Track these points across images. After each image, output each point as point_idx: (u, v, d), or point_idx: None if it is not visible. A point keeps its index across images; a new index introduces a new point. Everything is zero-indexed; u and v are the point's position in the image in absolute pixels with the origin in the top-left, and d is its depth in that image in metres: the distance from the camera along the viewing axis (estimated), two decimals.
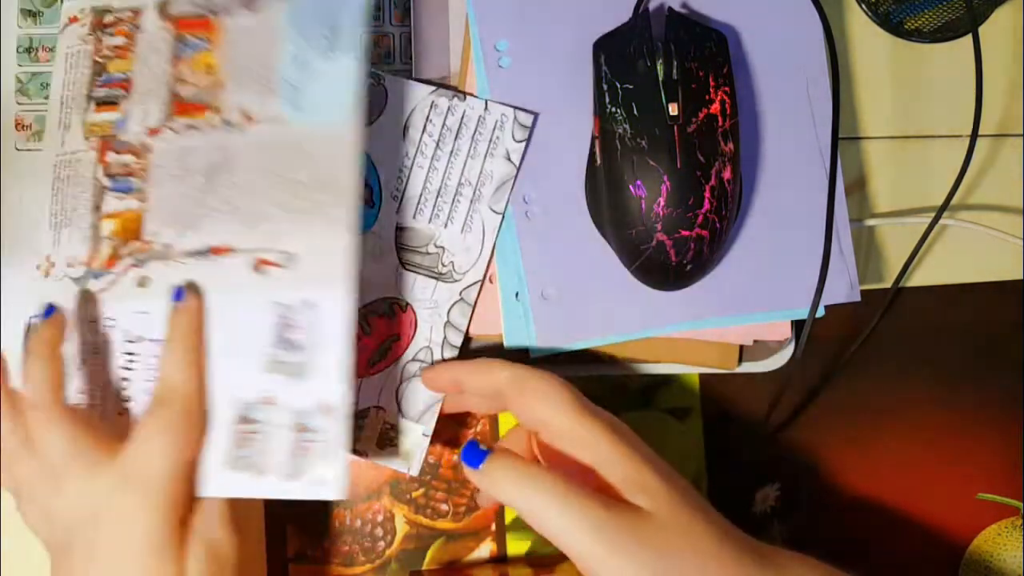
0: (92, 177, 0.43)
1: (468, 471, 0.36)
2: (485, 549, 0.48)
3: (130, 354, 0.41)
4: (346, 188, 0.41)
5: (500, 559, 0.48)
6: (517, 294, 0.45)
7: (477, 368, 0.41)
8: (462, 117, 0.44)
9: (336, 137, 0.41)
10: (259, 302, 0.40)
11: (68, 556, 0.38)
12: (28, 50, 0.45)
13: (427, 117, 0.44)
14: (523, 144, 0.44)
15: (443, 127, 0.44)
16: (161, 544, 0.37)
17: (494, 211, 0.44)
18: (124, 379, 0.41)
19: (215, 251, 0.41)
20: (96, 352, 0.42)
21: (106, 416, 0.41)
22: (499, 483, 0.35)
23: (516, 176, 0.45)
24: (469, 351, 0.46)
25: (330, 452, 0.39)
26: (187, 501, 0.39)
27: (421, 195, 0.44)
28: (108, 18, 0.44)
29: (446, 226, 0.44)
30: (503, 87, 0.45)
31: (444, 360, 0.44)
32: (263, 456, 0.40)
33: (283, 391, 0.40)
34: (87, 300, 0.42)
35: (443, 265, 0.44)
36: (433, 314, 0.44)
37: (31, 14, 0.45)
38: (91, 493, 0.38)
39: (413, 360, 0.44)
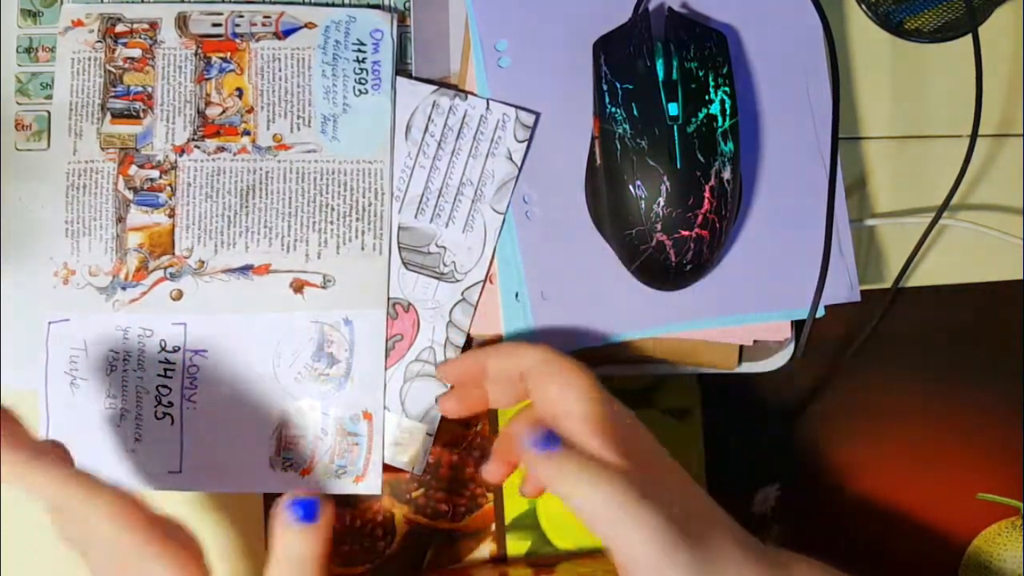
0: (112, 188, 0.44)
1: (533, 454, 0.35)
2: (485, 549, 0.48)
3: (166, 362, 0.43)
4: (380, 217, 0.44)
5: (500, 559, 0.48)
6: (517, 294, 0.45)
7: (503, 350, 0.41)
8: (464, 117, 0.44)
9: (371, 170, 0.44)
10: (300, 319, 0.44)
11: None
12: (28, 50, 0.45)
13: (429, 117, 0.45)
14: (525, 144, 0.45)
15: (445, 127, 0.45)
16: None
17: (496, 211, 0.44)
18: (162, 386, 0.43)
19: (256, 271, 0.44)
20: (128, 359, 0.43)
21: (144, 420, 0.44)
22: (564, 476, 0.34)
23: (518, 176, 0.45)
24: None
25: (369, 453, 0.44)
26: None
27: (423, 195, 0.44)
28: (120, 28, 0.44)
29: (447, 226, 0.45)
30: (503, 87, 0.45)
31: (452, 344, 0.44)
32: (310, 457, 0.44)
33: (325, 400, 0.44)
34: (117, 309, 0.44)
35: (444, 265, 0.44)
36: (435, 314, 0.44)
37: (31, 14, 0.45)
38: None
39: (416, 360, 0.44)
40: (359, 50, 0.45)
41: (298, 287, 0.44)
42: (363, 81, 0.44)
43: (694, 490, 0.37)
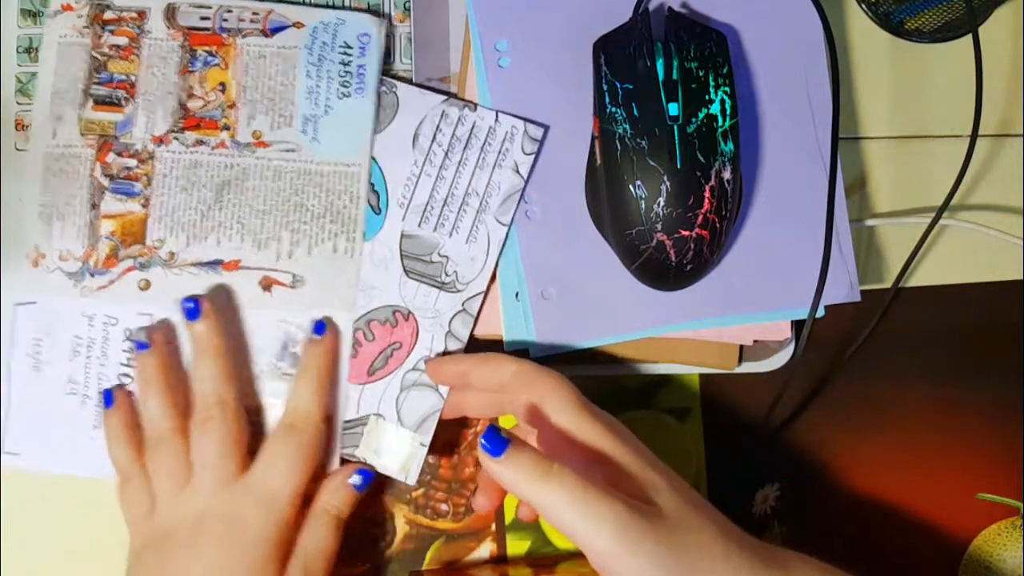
0: (89, 175, 0.44)
1: (485, 458, 0.35)
2: (485, 549, 0.48)
3: (130, 352, 0.43)
4: (354, 220, 0.44)
5: (500, 559, 0.48)
6: (517, 294, 0.45)
7: (484, 361, 0.41)
8: (472, 128, 0.44)
9: (348, 173, 0.44)
10: (266, 317, 0.43)
11: (161, 550, 0.40)
12: (28, 50, 0.45)
13: (437, 126, 0.44)
14: (532, 157, 0.44)
15: (452, 137, 0.44)
16: (267, 557, 0.40)
17: (500, 222, 0.44)
18: (124, 375, 0.43)
19: (226, 266, 0.43)
20: (91, 346, 0.43)
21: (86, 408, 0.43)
22: (518, 476, 0.35)
23: (524, 188, 0.44)
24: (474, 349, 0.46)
25: (327, 455, 0.43)
26: (297, 523, 0.41)
27: (427, 204, 0.44)
28: (109, 15, 0.44)
29: (451, 236, 0.44)
30: (503, 87, 0.45)
31: (449, 353, 0.44)
32: None
33: (284, 399, 0.43)
34: (85, 295, 0.43)
35: (446, 275, 0.44)
36: (434, 323, 0.44)
37: (31, 14, 0.45)
38: (213, 498, 0.40)
39: (414, 369, 0.44)
40: (345, 53, 0.44)
41: (267, 285, 0.44)
42: (347, 84, 0.44)
43: (679, 485, 0.37)
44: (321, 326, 0.43)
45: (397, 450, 0.44)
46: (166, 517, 0.40)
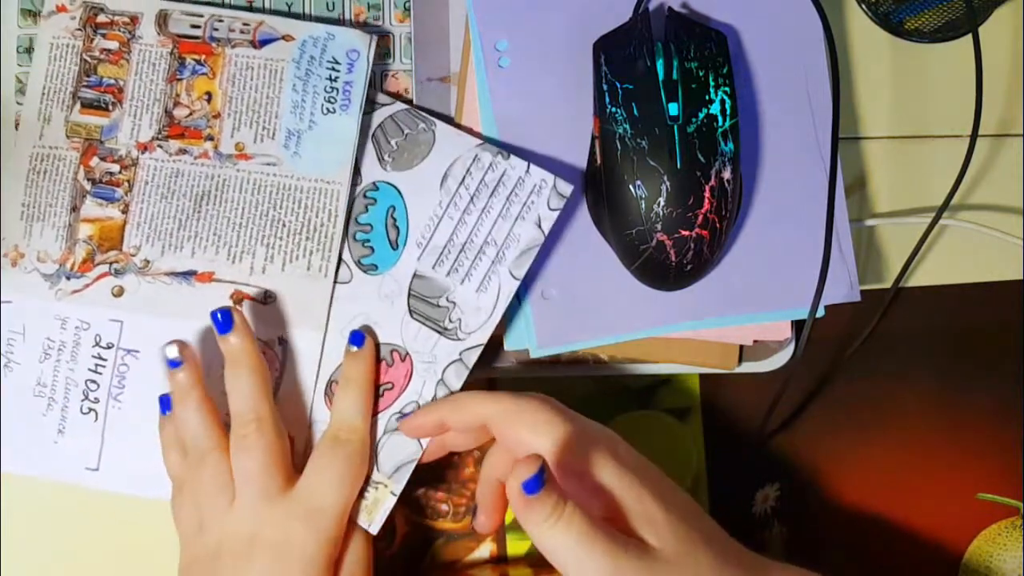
0: (72, 178, 0.44)
1: (517, 492, 0.34)
2: (485, 549, 0.48)
3: (98, 358, 0.43)
4: (331, 239, 0.43)
5: (500, 559, 0.48)
6: (517, 294, 0.45)
7: (455, 407, 0.41)
8: (502, 175, 0.43)
9: (328, 191, 0.43)
10: None
11: (211, 569, 0.39)
12: (28, 50, 0.45)
13: (467, 169, 0.44)
14: (557, 213, 0.43)
15: (481, 182, 0.43)
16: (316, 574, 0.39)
17: (513, 276, 0.43)
18: (91, 381, 0.43)
19: (199, 278, 0.43)
20: (62, 350, 0.43)
21: (67, 414, 0.43)
22: (532, 515, 0.35)
23: (543, 245, 0.43)
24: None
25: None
26: (342, 539, 0.40)
27: (445, 246, 0.43)
28: (102, 18, 0.44)
29: (463, 283, 0.43)
30: (503, 87, 0.45)
31: (419, 408, 0.43)
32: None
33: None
34: (60, 298, 0.43)
35: (450, 321, 0.43)
36: (429, 369, 0.43)
37: (31, 14, 0.45)
38: (260, 516, 0.39)
39: (400, 413, 0.43)
40: (333, 68, 0.44)
41: (238, 299, 0.43)
42: (332, 100, 0.44)
43: (674, 511, 0.37)
44: (359, 337, 0.42)
45: (366, 495, 0.42)
46: (214, 536, 0.39)
